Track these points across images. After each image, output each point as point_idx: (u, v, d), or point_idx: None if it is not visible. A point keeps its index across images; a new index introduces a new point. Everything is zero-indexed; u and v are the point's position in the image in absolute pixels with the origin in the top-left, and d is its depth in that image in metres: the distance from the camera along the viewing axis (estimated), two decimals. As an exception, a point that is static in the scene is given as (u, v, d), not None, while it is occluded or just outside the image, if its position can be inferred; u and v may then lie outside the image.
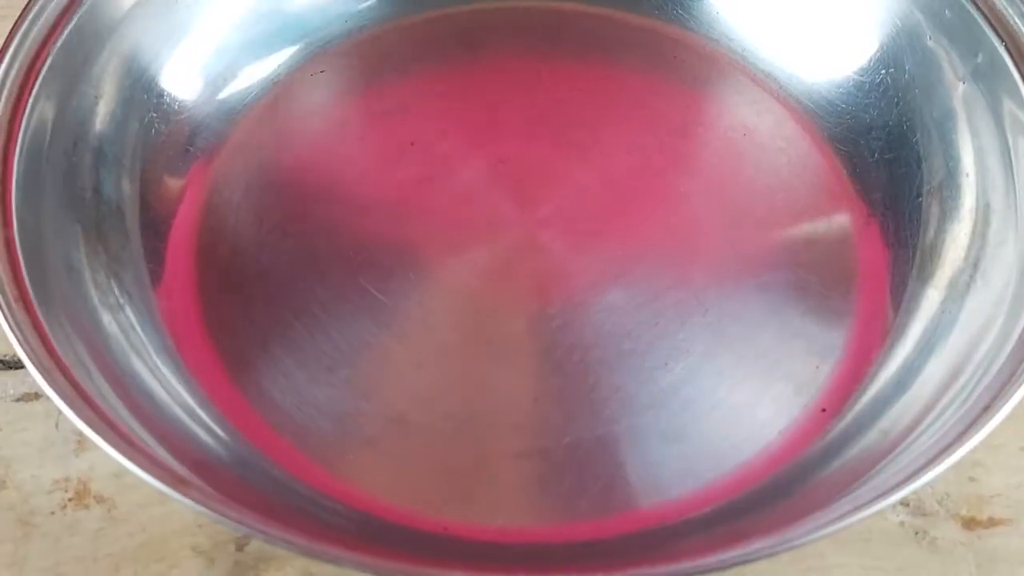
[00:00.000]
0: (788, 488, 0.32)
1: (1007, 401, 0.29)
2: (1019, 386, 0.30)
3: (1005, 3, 0.36)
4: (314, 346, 0.36)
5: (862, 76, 0.40)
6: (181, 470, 0.29)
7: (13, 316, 0.30)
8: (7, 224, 0.31)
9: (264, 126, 0.40)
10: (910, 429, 0.31)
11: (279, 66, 0.41)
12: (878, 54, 0.40)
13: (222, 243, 0.38)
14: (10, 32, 0.35)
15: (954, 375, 0.32)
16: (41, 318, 0.31)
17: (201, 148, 0.39)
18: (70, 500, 0.34)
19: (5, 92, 0.34)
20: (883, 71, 0.40)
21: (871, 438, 0.32)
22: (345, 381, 0.35)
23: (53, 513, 0.34)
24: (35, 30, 0.35)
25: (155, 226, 0.37)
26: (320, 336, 0.36)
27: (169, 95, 0.39)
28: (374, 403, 0.35)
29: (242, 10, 0.41)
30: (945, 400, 0.31)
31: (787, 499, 0.31)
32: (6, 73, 0.34)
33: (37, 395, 0.36)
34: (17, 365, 0.36)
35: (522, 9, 0.44)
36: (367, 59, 0.42)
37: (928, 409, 0.32)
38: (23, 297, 0.30)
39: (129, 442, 0.28)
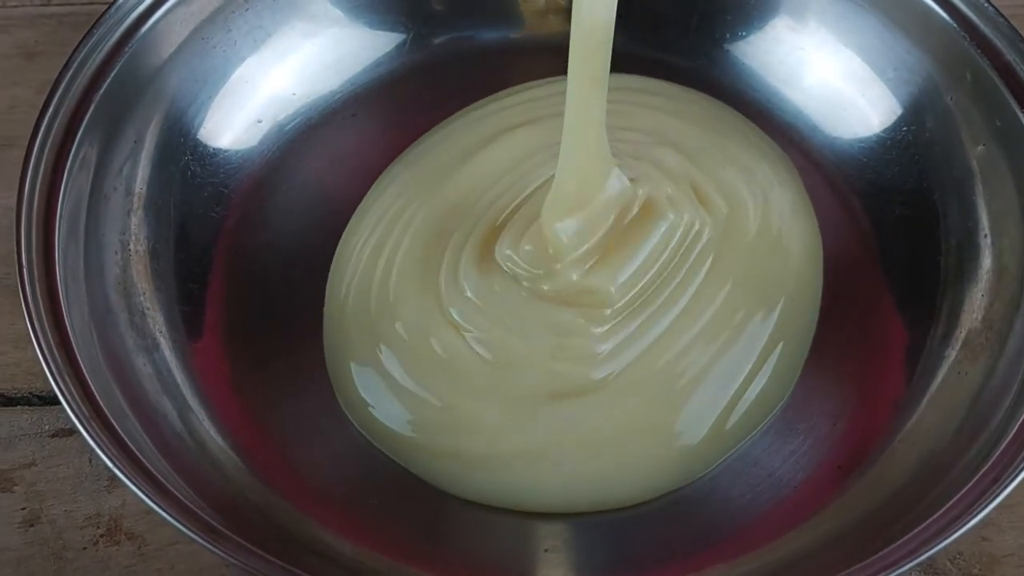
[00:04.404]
0: (803, 547, 0.32)
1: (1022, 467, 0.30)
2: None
3: (1026, 71, 0.36)
4: (340, 391, 0.37)
5: (884, 132, 0.41)
6: (209, 513, 0.30)
7: (55, 362, 0.31)
8: (50, 272, 0.33)
9: (297, 169, 0.41)
10: (925, 491, 0.32)
11: (312, 110, 0.42)
12: (899, 111, 0.40)
13: (252, 285, 0.39)
14: (56, 80, 0.36)
15: (970, 437, 0.33)
16: (80, 362, 0.32)
17: (235, 190, 0.40)
18: (102, 536, 0.35)
19: (51, 138, 0.35)
20: (904, 128, 0.40)
21: (885, 498, 0.33)
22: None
23: (85, 549, 0.35)
24: (80, 78, 0.36)
25: (188, 268, 0.38)
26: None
27: (205, 139, 0.40)
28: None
29: (275, 55, 0.42)
30: (961, 463, 0.32)
31: (802, 559, 0.31)
32: (51, 120, 0.35)
33: (71, 431, 0.37)
34: (52, 401, 0.37)
35: (550, 54, 0.45)
36: (398, 103, 0.43)
37: (944, 470, 0.32)
38: (64, 343, 0.31)
39: (162, 488, 0.29)
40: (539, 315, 0.36)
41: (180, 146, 0.39)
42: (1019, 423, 0.32)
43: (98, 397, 0.31)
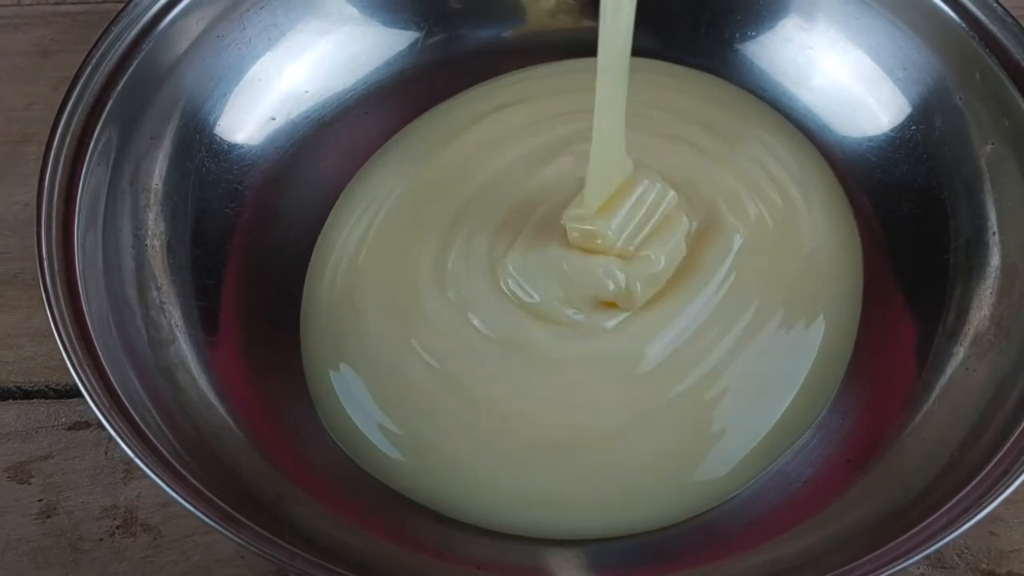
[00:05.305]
0: (812, 541, 0.32)
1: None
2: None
3: (1035, 71, 0.37)
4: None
5: (893, 131, 0.41)
6: (226, 503, 0.30)
7: (75, 354, 0.31)
8: (70, 265, 0.33)
9: (310, 166, 0.42)
10: (934, 485, 0.32)
11: (325, 107, 0.43)
12: (909, 110, 0.41)
13: (266, 281, 0.39)
14: (74, 77, 0.36)
15: (978, 433, 0.33)
16: (100, 354, 0.32)
17: (249, 187, 0.41)
18: (118, 528, 0.35)
19: (70, 134, 0.35)
20: (913, 127, 0.41)
21: (895, 492, 0.33)
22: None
23: (101, 540, 0.35)
24: (98, 75, 0.36)
25: (204, 264, 0.38)
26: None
27: (219, 135, 0.40)
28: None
29: (289, 53, 0.42)
30: (970, 458, 0.32)
31: (811, 553, 0.32)
32: (70, 116, 0.36)
33: (88, 423, 0.37)
34: (69, 394, 0.38)
35: (562, 52, 0.45)
36: (411, 101, 0.43)
37: (951, 466, 0.32)
38: (84, 335, 0.32)
39: (182, 479, 0.30)
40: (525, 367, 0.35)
41: (195, 143, 0.40)
42: (1025, 420, 0.32)
43: (118, 389, 0.32)
